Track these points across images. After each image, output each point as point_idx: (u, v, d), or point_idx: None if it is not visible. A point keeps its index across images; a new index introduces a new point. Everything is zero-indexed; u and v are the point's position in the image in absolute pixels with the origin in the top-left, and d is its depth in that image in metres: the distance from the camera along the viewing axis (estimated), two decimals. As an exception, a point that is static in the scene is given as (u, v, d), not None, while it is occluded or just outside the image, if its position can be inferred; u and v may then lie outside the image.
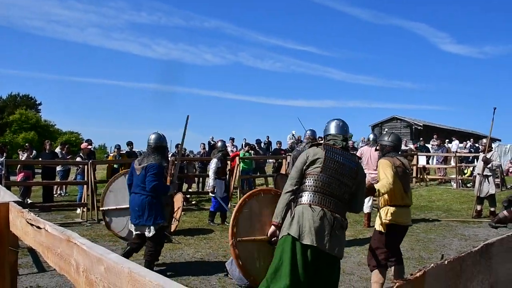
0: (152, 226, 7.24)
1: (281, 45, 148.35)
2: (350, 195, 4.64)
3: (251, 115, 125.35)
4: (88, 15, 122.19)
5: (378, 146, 6.71)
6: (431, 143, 26.40)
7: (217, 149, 12.71)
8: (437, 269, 2.00)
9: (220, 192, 11.87)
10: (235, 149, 22.23)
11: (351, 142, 24.67)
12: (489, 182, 12.62)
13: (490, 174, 12.71)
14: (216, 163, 11.84)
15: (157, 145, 7.68)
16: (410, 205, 6.28)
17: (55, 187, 18.51)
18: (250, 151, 19.82)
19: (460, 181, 21.07)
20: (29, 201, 14.82)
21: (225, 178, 12.30)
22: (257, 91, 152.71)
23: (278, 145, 23.16)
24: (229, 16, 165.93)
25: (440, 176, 23.09)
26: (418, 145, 25.43)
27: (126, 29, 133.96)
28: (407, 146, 25.05)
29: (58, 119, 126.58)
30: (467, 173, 22.24)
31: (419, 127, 48.44)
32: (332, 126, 4.97)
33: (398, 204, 6.05)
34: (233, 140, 23.42)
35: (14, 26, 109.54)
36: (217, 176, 11.86)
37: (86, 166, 13.29)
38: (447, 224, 11.87)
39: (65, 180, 18.10)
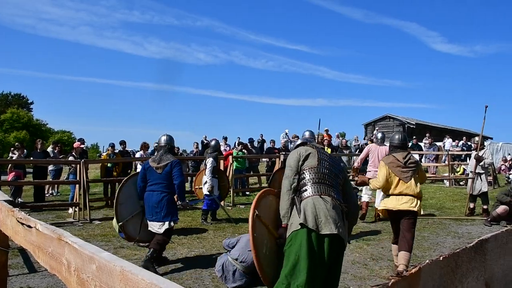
0: (167, 223, 7.62)
1: (273, 44, 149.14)
2: (342, 187, 4.80)
3: (244, 114, 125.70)
4: (80, 14, 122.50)
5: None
6: (424, 142, 26.46)
7: (211, 148, 12.71)
8: (432, 266, 1.98)
9: (216, 191, 11.89)
10: (228, 148, 22.21)
11: (344, 141, 24.71)
12: (482, 180, 12.66)
13: (483, 172, 12.74)
14: (212, 162, 11.84)
15: (169, 145, 8.27)
16: (412, 194, 7.07)
17: (47, 187, 18.45)
18: (243, 150, 19.78)
19: (453, 179, 21.13)
20: (20, 201, 14.75)
21: (217, 176, 12.28)
22: (250, 90, 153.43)
23: (272, 144, 23.15)
24: (222, 15, 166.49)
25: (433, 175, 23.13)
26: (411, 144, 25.46)
27: (119, 28, 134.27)
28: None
29: (50, 118, 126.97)
30: (459, 171, 22.29)
31: (412, 126, 48.59)
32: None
33: (392, 193, 7.21)
34: (226, 139, 23.40)
35: (5, 24, 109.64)
36: (213, 175, 11.86)
37: (79, 165, 13.22)
38: (440, 222, 11.88)
39: (57, 180, 18.02)
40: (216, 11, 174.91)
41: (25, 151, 17.67)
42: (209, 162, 11.86)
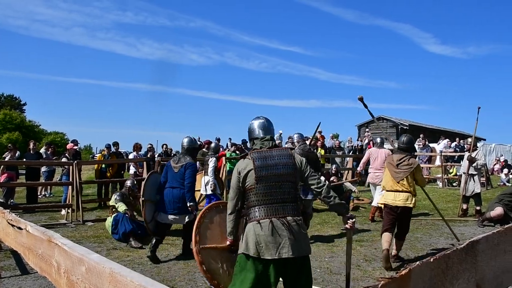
0: (190, 214, 8.49)
1: (267, 45, 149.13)
2: (297, 188, 4.52)
3: (237, 115, 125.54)
4: (73, 15, 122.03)
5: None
6: (417, 143, 26.50)
7: (212, 149, 12.87)
8: (423, 267, 1.98)
9: (218, 190, 11.99)
10: (221, 149, 22.20)
11: (337, 142, 24.62)
12: (475, 181, 12.69)
13: (476, 173, 12.78)
14: (215, 162, 11.92)
15: (190, 147, 8.98)
16: (403, 190, 8.08)
17: (40, 188, 18.37)
18: (237, 152, 19.77)
19: (446, 180, 21.17)
20: (13, 202, 14.70)
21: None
22: (243, 91, 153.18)
23: (265, 146, 23.09)
24: (215, 16, 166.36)
25: (426, 176, 23.17)
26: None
27: (112, 29, 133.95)
28: (393, 146, 25.07)
29: (43, 119, 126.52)
30: (453, 172, 22.33)
31: (405, 127, 48.66)
32: (257, 128, 4.88)
33: (387, 189, 8.26)
34: (219, 140, 23.39)
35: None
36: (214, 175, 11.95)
37: (71, 167, 13.18)
38: (433, 223, 11.89)
39: (50, 181, 17.96)
40: (210, 12, 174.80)
41: (18, 153, 17.62)
42: (212, 162, 11.92)
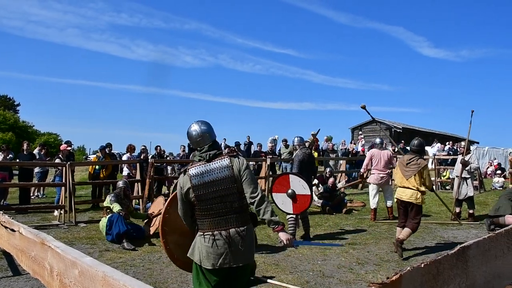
0: None
1: (261, 48, 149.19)
2: (242, 196, 4.42)
3: (231, 117, 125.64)
4: (68, 16, 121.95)
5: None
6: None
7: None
8: (414, 273, 1.99)
9: None
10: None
11: (331, 145, 24.57)
12: (468, 185, 12.72)
13: (469, 177, 12.81)
14: None
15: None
16: (411, 187, 8.91)
17: (33, 189, 18.32)
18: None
19: (439, 184, 21.19)
20: (6, 203, 14.66)
21: None
22: (237, 93, 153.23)
23: (259, 148, 23.15)
24: (210, 19, 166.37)
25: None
26: (399, 148, 25.49)
27: (106, 30, 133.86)
28: (386, 149, 25.07)
29: (37, 120, 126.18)
30: (446, 176, 22.36)
31: (399, 130, 48.73)
32: (194, 137, 4.59)
33: (399, 186, 9.22)
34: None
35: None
36: None
37: (65, 168, 13.16)
38: (426, 227, 11.90)
39: (43, 182, 17.93)
40: (204, 15, 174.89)
41: (12, 153, 17.57)
42: None
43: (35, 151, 18.30)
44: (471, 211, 12.71)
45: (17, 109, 75.99)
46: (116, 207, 10.08)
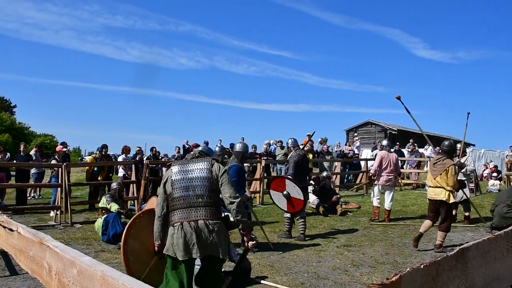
0: None
1: (256, 50, 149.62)
2: (216, 194, 4.82)
3: (226, 119, 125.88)
4: (63, 18, 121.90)
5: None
6: (406, 148, 26.56)
7: (216, 154, 12.91)
8: (413, 274, 1.99)
9: None
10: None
11: (326, 146, 24.65)
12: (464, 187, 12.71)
13: (465, 179, 12.80)
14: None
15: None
16: (438, 186, 9.33)
17: (29, 190, 18.31)
18: (225, 155, 19.77)
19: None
20: (3, 203, 14.64)
21: None
22: (232, 95, 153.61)
23: (254, 149, 23.20)
24: (204, 20, 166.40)
25: (415, 181, 23.23)
26: (394, 150, 25.52)
27: (102, 32, 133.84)
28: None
29: (33, 122, 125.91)
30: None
31: (394, 132, 48.82)
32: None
33: (429, 186, 9.79)
34: (207, 144, 23.35)
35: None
36: None
37: (61, 169, 13.15)
38: (422, 229, 11.90)
39: (39, 183, 17.93)
40: (199, 16, 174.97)
41: (8, 154, 17.57)
42: None
43: (32, 152, 18.30)
44: (467, 214, 12.69)
45: (14, 111, 76.05)
46: (114, 206, 10.09)
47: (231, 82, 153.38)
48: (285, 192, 10.12)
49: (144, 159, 16.94)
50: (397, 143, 26.14)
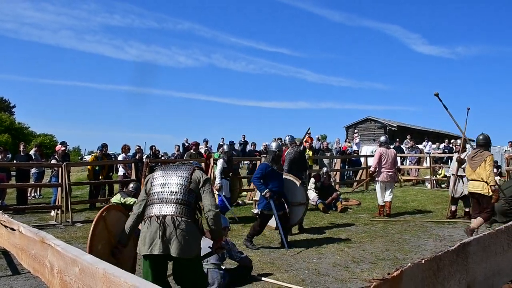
0: None
1: (254, 47, 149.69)
2: (192, 195, 4.83)
3: (225, 117, 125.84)
4: (61, 18, 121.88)
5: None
6: (405, 144, 26.57)
7: (223, 150, 12.90)
8: (414, 269, 1.99)
9: (226, 192, 12.03)
10: (210, 150, 22.21)
11: (325, 143, 24.57)
12: (463, 183, 12.66)
13: (465, 175, 12.78)
14: (222, 164, 12.05)
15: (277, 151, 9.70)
16: (477, 179, 9.67)
17: (29, 190, 18.31)
18: (233, 152, 19.81)
19: (435, 182, 21.20)
20: (3, 203, 14.65)
21: (229, 179, 12.40)
22: (230, 93, 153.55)
23: (253, 147, 23.24)
24: (202, 18, 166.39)
25: (415, 177, 23.24)
26: (393, 146, 25.50)
27: (100, 32, 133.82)
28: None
29: (32, 121, 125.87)
30: (441, 174, 22.37)
31: (393, 128, 48.79)
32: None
33: (469, 179, 10.06)
34: (207, 142, 23.37)
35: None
36: (223, 176, 12.08)
37: (61, 168, 13.16)
38: (422, 225, 11.92)
39: (39, 183, 17.95)
40: (197, 15, 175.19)
41: (9, 154, 17.58)
42: (219, 163, 12.06)
43: (32, 152, 18.30)
44: (467, 209, 12.66)
45: (13, 111, 75.93)
46: (131, 200, 10.05)
47: (230, 80, 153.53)
48: None
49: (144, 158, 16.97)
50: (397, 140, 26.16)
